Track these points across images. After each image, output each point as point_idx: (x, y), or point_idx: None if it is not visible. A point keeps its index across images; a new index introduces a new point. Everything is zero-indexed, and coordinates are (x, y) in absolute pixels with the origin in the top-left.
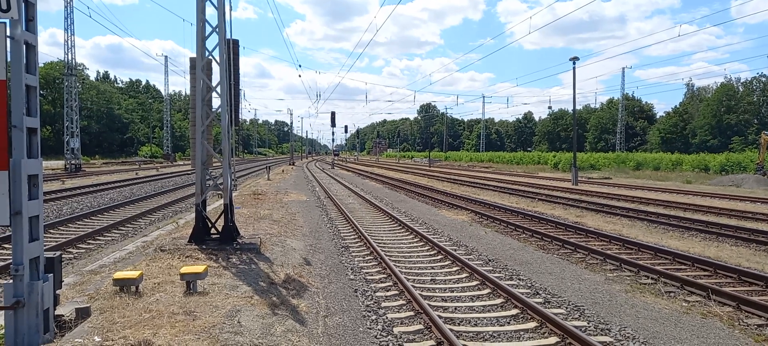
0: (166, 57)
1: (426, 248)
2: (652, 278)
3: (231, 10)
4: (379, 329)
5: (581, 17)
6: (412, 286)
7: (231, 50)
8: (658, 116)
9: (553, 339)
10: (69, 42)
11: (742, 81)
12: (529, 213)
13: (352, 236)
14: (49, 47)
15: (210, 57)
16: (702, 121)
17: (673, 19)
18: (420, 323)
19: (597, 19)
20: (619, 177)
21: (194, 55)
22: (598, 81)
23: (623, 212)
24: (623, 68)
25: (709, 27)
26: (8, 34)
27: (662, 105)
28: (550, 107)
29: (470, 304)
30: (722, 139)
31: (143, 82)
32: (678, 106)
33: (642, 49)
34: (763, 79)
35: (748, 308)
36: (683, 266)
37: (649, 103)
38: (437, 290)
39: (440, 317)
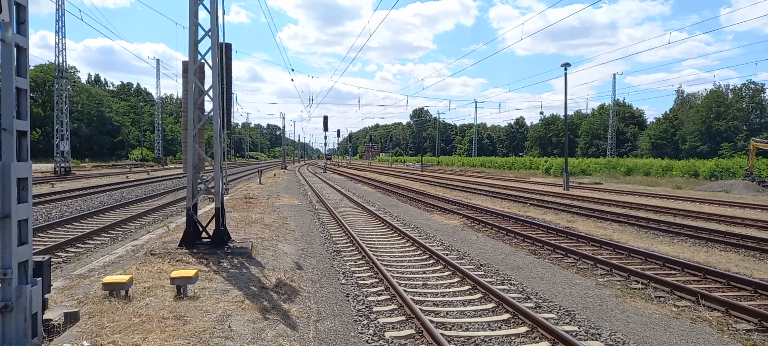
0: (157, 60)
1: (418, 252)
2: (642, 283)
3: (224, 13)
4: (370, 334)
5: (573, 24)
6: (404, 290)
7: (224, 54)
8: (648, 122)
9: (544, 344)
10: (60, 45)
11: (731, 88)
12: (521, 218)
13: (344, 241)
14: (39, 50)
15: (203, 61)
16: (692, 128)
17: (664, 26)
18: (411, 327)
19: (588, 25)
20: (609, 182)
21: (186, 58)
22: (590, 87)
23: (614, 218)
24: (614, 74)
25: (699, 34)
26: None
27: (653, 111)
28: (541, 113)
29: (462, 308)
30: (712, 145)
31: (134, 86)
32: (668, 112)
33: (633, 56)
34: (752, 86)
35: (737, 312)
36: (673, 271)
37: (640, 109)
38: (429, 295)
39: (432, 321)
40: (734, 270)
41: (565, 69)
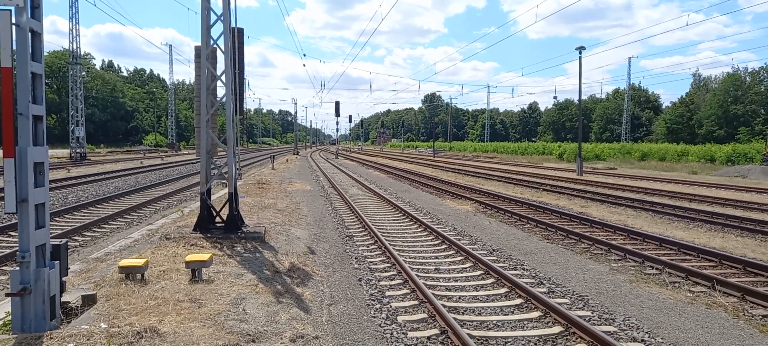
0: (170, 46)
1: (430, 237)
2: (656, 269)
3: None
4: (383, 318)
5: (587, 6)
6: (417, 275)
7: (236, 39)
8: (664, 106)
9: (557, 328)
10: (74, 31)
11: (749, 71)
12: (534, 203)
13: (357, 226)
14: (49, 36)
15: (215, 46)
16: (708, 112)
17: (681, 7)
18: (424, 311)
19: (603, 6)
20: (624, 168)
21: (198, 44)
22: (604, 71)
23: (628, 203)
24: (629, 58)
25: (716, 16)
26: (13, 21)
27: (668, 95)
28: (555, 97)
29: (474, 293)
30: (729, 129)
31: (148, 72)
32: (684, 96)
33: (649, 39)
34: None
35: (753, 298)
36: (688, 257)
37: (655, 93)
38: (441, 280)
39: (444, 306)
40: (751, 256)
41: (580, 52)
